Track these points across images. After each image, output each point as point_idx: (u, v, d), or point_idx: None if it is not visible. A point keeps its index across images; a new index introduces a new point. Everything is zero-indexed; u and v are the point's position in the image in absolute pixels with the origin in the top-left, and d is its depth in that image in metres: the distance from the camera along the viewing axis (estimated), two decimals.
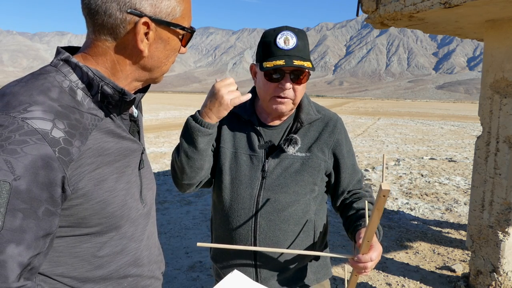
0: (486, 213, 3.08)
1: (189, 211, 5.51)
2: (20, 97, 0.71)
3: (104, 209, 0.79)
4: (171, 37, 0.84)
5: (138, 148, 0.90)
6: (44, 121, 0.69)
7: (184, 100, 57.25)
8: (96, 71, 0.79)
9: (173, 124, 18.73)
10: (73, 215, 0.76)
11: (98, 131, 0.78)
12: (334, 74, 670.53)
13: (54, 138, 0.69)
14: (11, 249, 0.65)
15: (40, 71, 0.79)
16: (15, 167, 0.65)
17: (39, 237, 0.69)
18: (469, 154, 11.05)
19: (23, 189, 0.66)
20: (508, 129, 2.93)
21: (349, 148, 1.46)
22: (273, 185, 1.36)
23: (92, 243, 0.81)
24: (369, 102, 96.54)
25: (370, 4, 3.07)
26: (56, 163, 0.69)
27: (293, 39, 1.30)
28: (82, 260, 0.80)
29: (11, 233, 0.65)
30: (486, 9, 2.62)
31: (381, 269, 3.78)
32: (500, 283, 3.04)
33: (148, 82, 0.91)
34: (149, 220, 0.97)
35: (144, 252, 0.93)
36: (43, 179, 0.68)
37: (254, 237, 1.36)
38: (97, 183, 0.77)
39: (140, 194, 0.91)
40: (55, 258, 0.78)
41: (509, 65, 2.93)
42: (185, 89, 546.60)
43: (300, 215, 1.39)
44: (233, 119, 1.43)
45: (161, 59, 0.85)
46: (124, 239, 0.86)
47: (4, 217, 0.65)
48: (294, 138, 1.37)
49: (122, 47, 0.81)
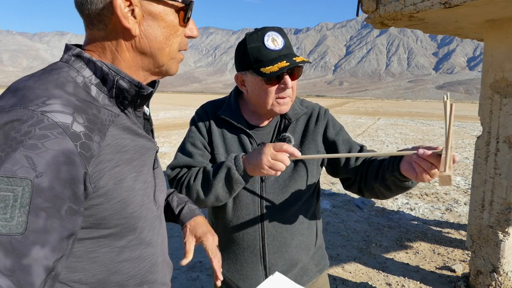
0: (486, 213, 3.08)
1: None
2: (36, 91, 0.67)
3: (124, 209, 0.75)
4: (162, 11, 0.76)
5: (153, 147, 0.87)
6: (65, 114, 0.66)
7: (184, 100, 57.26)
8: (111, 65, 0.75)
9: (173, 124, 18.72)
10: (93, 215, 0.72)
11: (115, 127, 0.75)
12: (334, 74, 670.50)
13: (75, 132, 0.65)
14: (36, 252, 0.60)
15: (52, 67, 0.75)
16: (36, 163, 0.60)
17: (63, 238, 0.64)
18: (469, 154, 11.05)
19: (46, 187, 0.61)
20: (508, 129, 2.93)
21: (339, 128, 1.45)
22: (273, 187, 1.36)
23: (111, 248, 0.77)
24: (369, 102, 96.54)
25: (370, 4, 3.06)
26: (78, 159, 0.65)
27: (279, 38, 1.29)
28: (101, 266, 0.77)
29: (35, 234, 0.60)
30: (486, 9, 2.62)
31: (381, 269, 3.78)
32: (500, 283, 3.04)
33: (161, 74, 0.85)
34: (162, 223, 0.93)
35: (160, 258, 0.90)
36: (65, 176, 0.63)
37: (262, 241, 1.37)
38: (117, 182, 0.73)
39: (154, 196, 0.87)
40: (73, 264, 0.74)
41: (509, 65, 2.93)
42: (185, 89, 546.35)
43: (304, 213, 1.40)
44: (222, 124, 1.41)
45: (159, 40, 0.77)
46: (142, 244, 0.83)
47: (27, 217, 0.59)
48: (287, 137, 1.37)
49: (114, 32, 0.76)
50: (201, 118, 1.44)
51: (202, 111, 1.45)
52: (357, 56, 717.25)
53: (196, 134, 1.41)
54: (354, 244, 4.41)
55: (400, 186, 1.22)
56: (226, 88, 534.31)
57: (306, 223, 1.41)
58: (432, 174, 1.01)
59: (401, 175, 1.16)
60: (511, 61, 2.92)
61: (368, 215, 5.50)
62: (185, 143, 1.41)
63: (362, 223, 5.12)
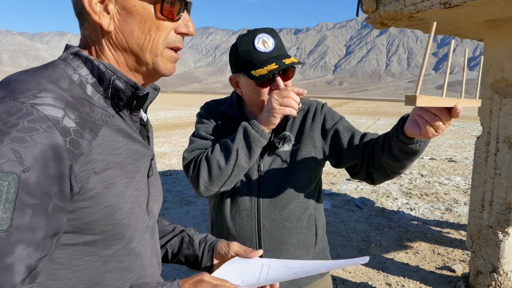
0: (486, 213, 3.08)
1: (189, 211, 5.51)
2: (28, 84, 0.66)
3: (112, 215, 0.71)
4: (137, 4, 0.73)
5: (148, 153, 0.83)
6: (55, 108, 0.63)
7: (184, 100, 57.24)
8: (108, 64, 0.74)
9: (173, 124, 18.72)
10: (78, 219, 0.68)
11: (108, 128, 0.72)
12: (334, 74, 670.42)
13: (65, 127, 0.63)
14: (19, 250, 0.58)
15: (48, 64, 0.74)
16: (23, 157, 0.58)
17: (48, 236, 0.62)
18: (469, 154, 11.04)
19: (33, 182, 0.59)
20: (508, 129, 2.93)
21: (339, 117, 1.44)
22: (271, 184, 1.37)
23: (96, 256, 0.72)
24: (369, 102, 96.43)
25: (370, 4, 3.06)
26: (66, 154, 0.62)
27: (270, 40, 1.30)
28: (83, 275, 0.71)
29: (20, 232, 0.58)
30: (486, 9, 2.62)
31: (381, 269, 3.78)
32: (500, 283, 3.04)
33: (151, 75, 0.81)
34: (154, 235, 0.89)
35: (149, 271, 0.85)
36: (53, 172, 0.61)
37: (258, 237, 1.37)
38: (107, 186, 0.70)
39: (147, 205, 0.83)
40: (54, 271, 0.69)
41: (509, 65, 2.92)
42: (185, 89, 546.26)
43: (301, 211, 1.40)
44: (225, 119, 1.45)
45: (136, 35, 0.74)
46: (130, 255, 0.78)
47: (13, 213, 0.57)
48: (287, 136, 1.38)
49: (95, 30, 0.75)
50: (207, 111, 1.48)
51: (208, 106, 1.50)
52: (357, 56, 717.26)
53: (206, 122, 1.45)
54: (354, 244, 4.41)
55: (407, 152, 1.16)
56: (226, 88, 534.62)
57: (304, 221, 1.41)
58: (436, 127, 0.96)
59: (406, 138, 1.11)
60: (511, 61, 2.92)
61: (368, 215, 5.50)
62: (198, 129, 1.44)
63: (362, 223, 5.12)
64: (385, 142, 1.23)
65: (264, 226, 1.36)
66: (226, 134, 1.42)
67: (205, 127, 1.43)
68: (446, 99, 0.86)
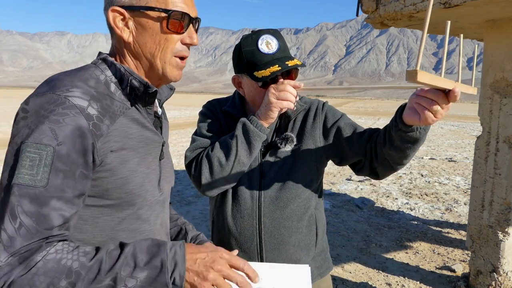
0: (486, 213, 3.08)
1: (189, 211, 5.51)
2: (64, 82, 0.85)
3: (125, 185, 0.89)
4: (149, 21, 0.91)
5: (158, 140, 1.00)
6: (82, 99, 0.83)
7: (184, 100, 57.25)
8: (128, 68, 0.93)
9: (173, 124, 18.72)
10: (98, 186, 0.86)
11: (125, 117, 0.91)
12: (334, 74, 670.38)
13: (89, 114, 0.82)
14: (54, 202, 0.77)
15: (82, 67, 0.94)
16: (58, 134, 0.77)
17: (76, 196, 0.80)
18: (469, 154, 11.05)
19: (64, 153, 0.78)
20: (508, 129, 2.93)
21: (340, 114, 1.43)
22: (272, 183, 1.37)
23: (111, 217, 0.90)
24: (369, 102, 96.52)
25: (370, 4, 3.07)
26: (89, 134, 0.81)
27: (273, 41, 1.30)
28: (102, 231, 0.90)
29: (54, 189, 0.77)
30: (486, 9, 2.62)
31: (381, 269, 3.78)
32: (500, 283, 3.04)
33: (162, 78, 0.97)
34: (164, 209, 1.05)
35: (157, 236, 1.01)
36: (79, 146, 0.80)
37: (259, 236, 1.37)
38: (122, 162, 0.88)
39: (158, 183, 1.00)
40: (79, 225, 0.87)
41: (509, 65, 2.93)
42: (185, 89, 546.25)
43: (302, 211, 1.40)
44: (228, 118, 1.45)
45: (149, 45, 0.93)
46: (139, 220, 0.95)
47: (49, 175, 0.77)
48: (290, 136, 1.38)
49: (118, 41, 0.95)
50: (210, 110, 1.48)
51: (211, 105, 1.50)
52: (357, 56, 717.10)
53: (209, 121, 1.45)
54: (354, 244, 4.41)
55: (408, 141, 1.15)
56: (226, 88, 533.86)
57: (305, 221, 1.41)
58: (434, 112, 0.95)
59: (405, 126, 1.11)
60: (511, 61, 2.92)
61: (368, 215, 5.51)
62: (200, 128, 1.44)
63: (362, 223, 5.13)
64: (386, 134, 1.23)
65: (265, 226, 1.37)
66: (228, 133, 1.41)
67: (208, 126, 1.44)
68: (445, 80, 0.86)
